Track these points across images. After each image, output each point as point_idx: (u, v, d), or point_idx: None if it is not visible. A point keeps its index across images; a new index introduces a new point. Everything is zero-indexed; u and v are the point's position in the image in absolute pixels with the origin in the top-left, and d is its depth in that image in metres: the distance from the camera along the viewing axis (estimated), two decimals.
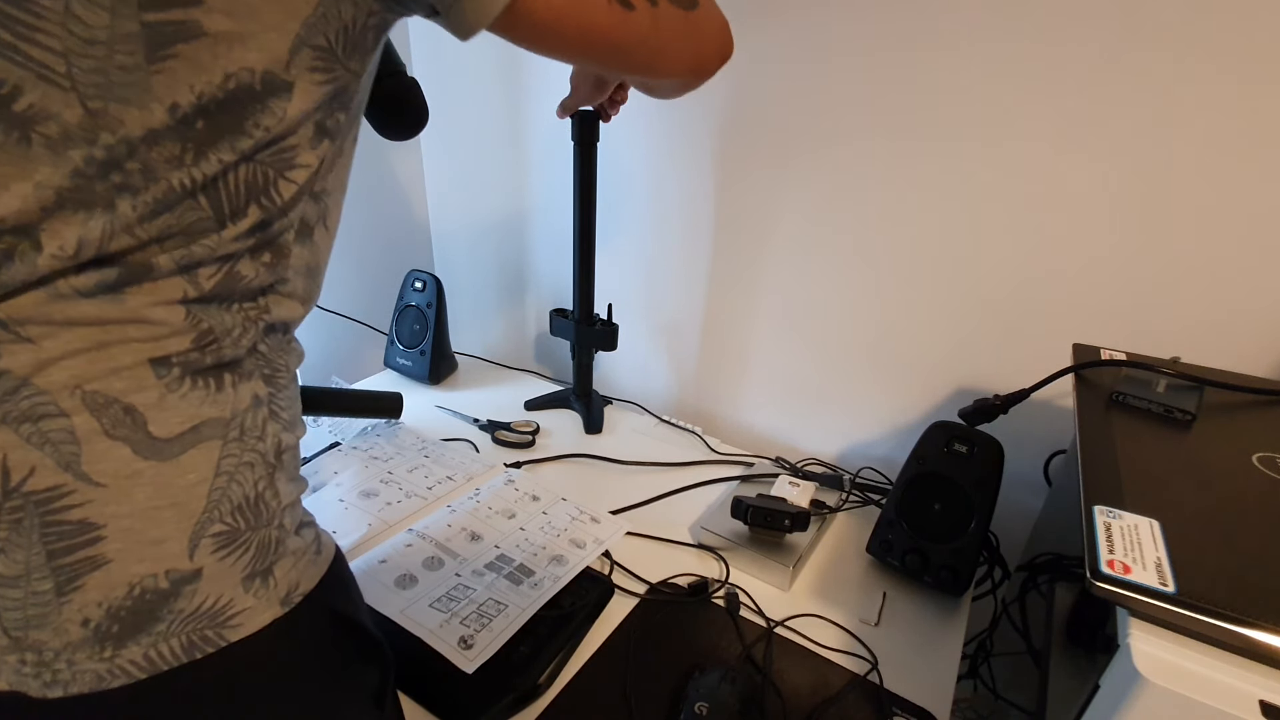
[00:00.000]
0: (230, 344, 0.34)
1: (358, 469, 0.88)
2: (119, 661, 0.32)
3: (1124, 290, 0.74)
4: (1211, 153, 0.66)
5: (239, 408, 0.35)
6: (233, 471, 0.34)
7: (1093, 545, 0.40)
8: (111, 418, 0.30)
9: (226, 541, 0.34)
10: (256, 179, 0.32)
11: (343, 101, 0.35)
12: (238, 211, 0.32)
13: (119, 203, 0.29)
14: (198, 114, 0.29)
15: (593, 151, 0.90)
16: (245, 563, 0.35)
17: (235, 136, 0.31)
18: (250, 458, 0.35)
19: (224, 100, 0.29)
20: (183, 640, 0.33)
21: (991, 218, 0.79)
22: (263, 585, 0.36)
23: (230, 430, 0.34)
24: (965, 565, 0.70)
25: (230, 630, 0.35)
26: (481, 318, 1.35)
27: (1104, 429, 0.55)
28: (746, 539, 0.77)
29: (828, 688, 0.62)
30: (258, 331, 0.36)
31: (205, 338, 0.33)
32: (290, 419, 0.39)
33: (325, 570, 0.41)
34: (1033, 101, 0.72)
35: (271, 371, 0.37)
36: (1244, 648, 0.35)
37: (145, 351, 0.31)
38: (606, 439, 1.03)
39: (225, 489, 0.34)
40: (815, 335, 0.97)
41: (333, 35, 0.32)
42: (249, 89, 0.30)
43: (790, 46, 0.84)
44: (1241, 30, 0.61)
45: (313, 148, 0.35)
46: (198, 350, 0.33)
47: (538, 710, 0.58)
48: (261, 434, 0.36)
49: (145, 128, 0.28)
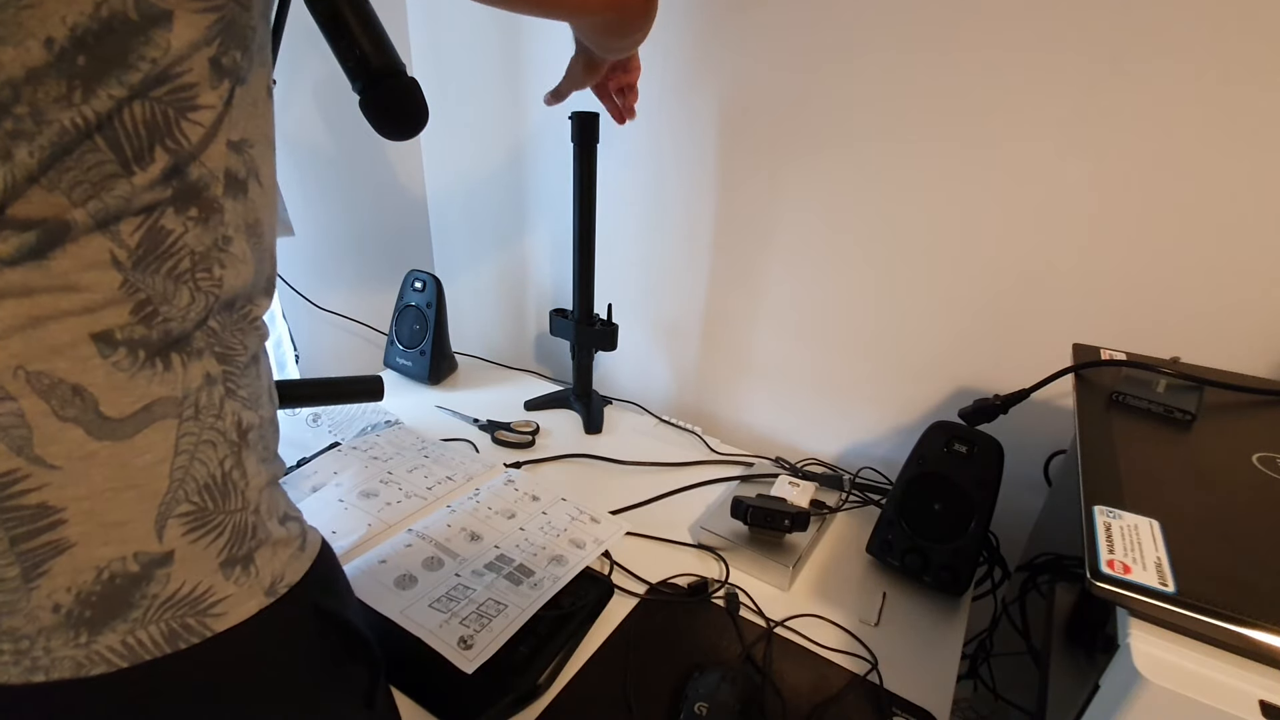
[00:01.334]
0: (177, 316, 0.33)
1: (358, 469, 0.88)
2: (96, 648, 0.31)
3: (1124, 290, 0.74)
4: (1211, 153, 0.66)
5: (190, 386, 0.34)
6: (193, 450, 0.34)
7: (1093, 545, 0.40)
8: (60, 398, 0.30)
9: (196, 522, 0.34)
10: (156, 118, 0.31)
11: (236, 38, 0.34)
12: (141, 154, 0.31)
13: (15, 151, 0.28)
14: (76, 47, 0.28)
15: (593, 152, 0.90)
16: (220, 546, 0.35)
17: (121, 70, 0.30)
18: (210, 436, 0.35)
19: (100, 31, 0.29)
20: (163, 628, 0.33)
21: (991, 218, 0.79)
22: (244, 573, 0.36)
23: (184, 409, 0.34)
24: (965, 565, 0.70)
25: (214, 619, 0.34)
26: (481, 318, 1.35)
27: (1104, 429, 0.55)
28: (746, 539, 0.77)
29: (828, 688, 0.62)
30: (208, 303, 0.35)
31: (144, 307, 0.32)
32: (250, 397, 0.38)
33: (310, 565, 0.40)
34: (1033, 102, 0.72)
35: (224, 349, 0.36)
36: (1244, 648, 0.35)
37: (83, 326, 0.30)
38: (606, 439, 1.03)
39: (187, 468, 0.34)
40: (815, 335, 0.97)
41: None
42: (124, 18, 0.29)
43: (791, 46, 0.84)
44: (1241, 31, 0.61)
45: (213, 87, 0.33)
46: (141, 323, 0.32)
47: (537, 710, 0.58)
48: (219, 412, 0.35)
49: (25, 67, 0.28)
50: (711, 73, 0.90)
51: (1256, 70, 0.62)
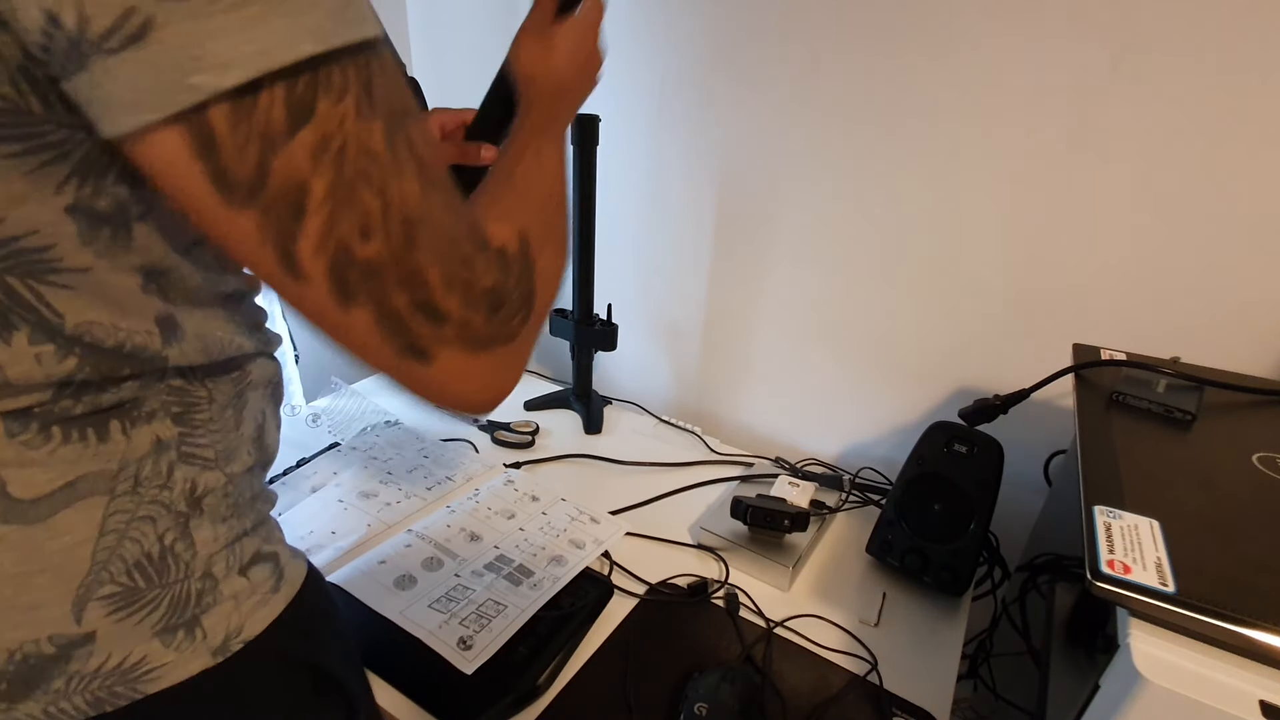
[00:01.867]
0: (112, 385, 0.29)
1: (357, 469, 0.88)
2: (14, 715, 0.30)
3: (1124, 290, 0.74)
4: (1212, 153, 0.66)
5: (132, 456, 0.30)
6: (123, 529, 0.30)
7: (1093, 545, 0.40)
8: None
9: (123, 603, 0.31)
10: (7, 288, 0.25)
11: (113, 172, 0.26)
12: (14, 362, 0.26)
13: None
14: None
15: (592, 153, 0.90)
16: (155, 620, 0.32)
17: None
18: (149, 510, 0.31)
19: None
20: (87, 697, 0.30)
21: (991, 218, 0.79)
22: (187, 638, 0.33)
23: (119, 484, 0.30)
24: (965, 565, 0.70)
25: (146, 684, 0.32)
26: None
27: (1104, 429, 0.55)
28: (746, 539, 0.77)
29: (827, 688, 0.62)
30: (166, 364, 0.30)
31: (69, 383, 0.28)
32: (218, 455, 0.34)
33: (284, 607, 0.37)
34: (1034, 103, 0.72)
35: (184, 407, 0.32)
36: (1244, 648, 0.35)
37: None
38: (606, 439, 1.03)
39: (115, 548, 0.30)
40: (815, 335, 0.97)
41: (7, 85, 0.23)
42: None
43: (792, 46, 0.84)
44: (1242, 32, 0.61)
45: (81, 241, 0.26)
46: (67, 398, 0.28)
47: (537, 711, 0.58)
48: (166, 481, 0.31)
49: None
50: (712, 73, 0.90)
51: (1257, 71, 0.62)
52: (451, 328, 0.29)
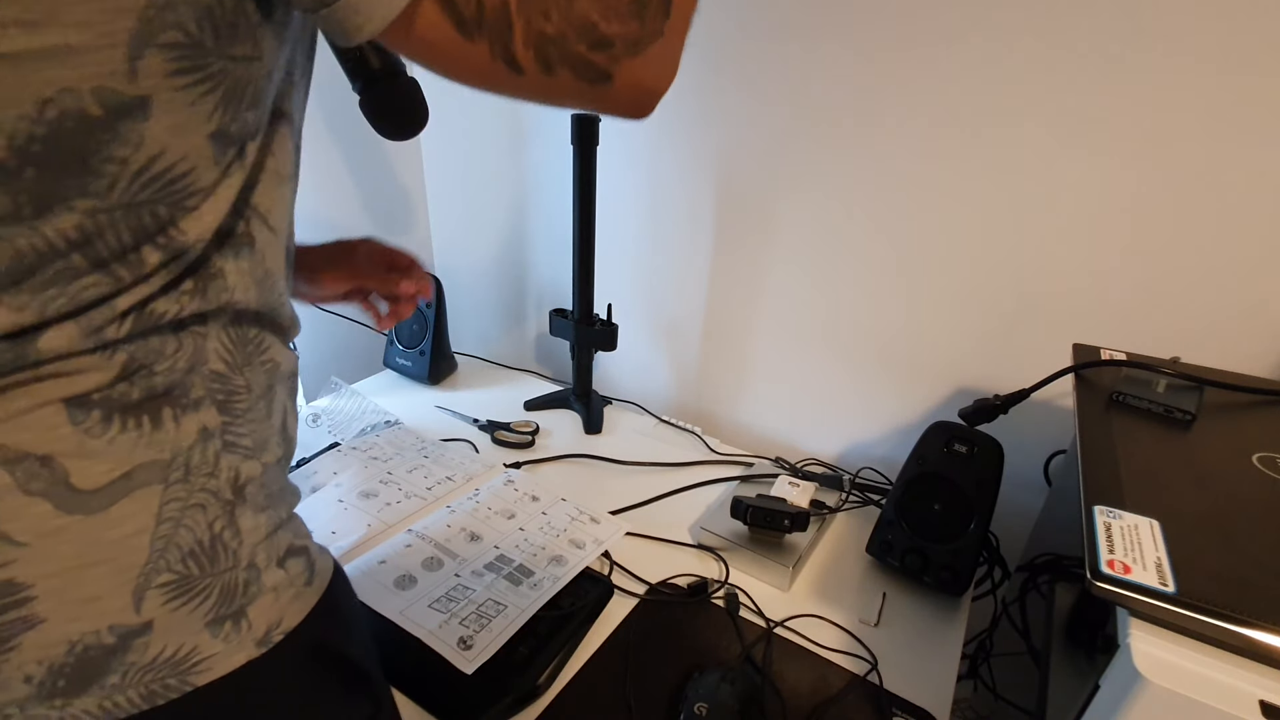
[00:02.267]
0: (165, 367, 0.30)
1: (357, 469, 0.88)
2: (70, 711, 0.30)
3: (1124, 290, 0.74)
4: (1212, 153, 0.66)
5: (182, 445, 0.31)
6: (178, 517, 0.31)
7: (1093, 545, 0.40)
8: (26, 471, 0.28)
9: (179, 591, 0.32)
10: (142, 222, 0.28)
11: (247, 98, 0.30)
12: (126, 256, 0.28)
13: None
14: (20, 159, 0.24)
15: (593, 152, 0.90)
16: (207, 609, 0.33)
17: (84, 178, 0.26)
18: (200, 499, 0.32)
19: (49, 136, 0.24)
20: (141, 691, 0.31)
21: (992, 217, 0.79)
22: (234, 629, 0.34)
23: (172, 472, 0.31)
24: (965, 565, 0.70)
25: (196, 675, 0.32)
26: (481, 318, 1.35)
27: (1104, 429, 0.55)
28: (746, 539, 0.77)
29: (827, 688, 0.62)
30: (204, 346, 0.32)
31: (129, 367, 0.29)
32: (254, 445, 0.35)
33: (316, 600, 0.38)
34: (1033, 102, 0.72)
35: (227, 395, 0.33)
36: (1244, 648, 0.35)
37: (52, 392, 0.28)
38: (606, 439, 1.03)
39: (171, 536, 0.31)
40: (815, 335, 0.97)
41: (193, 24, 0.26)
42: (80, 115, 0.25)
43: (793, 46, 0.84)
44: (1243, 32, 0.61)
45: (216, 162, 0.29)
46: (123, 382, 0.29)
47: (537, 711, 0.58)
48: (213, 470, 0.33)
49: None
50: (712, 72, 0.90)
51: (1257, 71, 0.62)
52: (619, 46, 0.36)
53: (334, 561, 0.42)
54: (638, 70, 0.38)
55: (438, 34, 0.30)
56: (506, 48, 0.32)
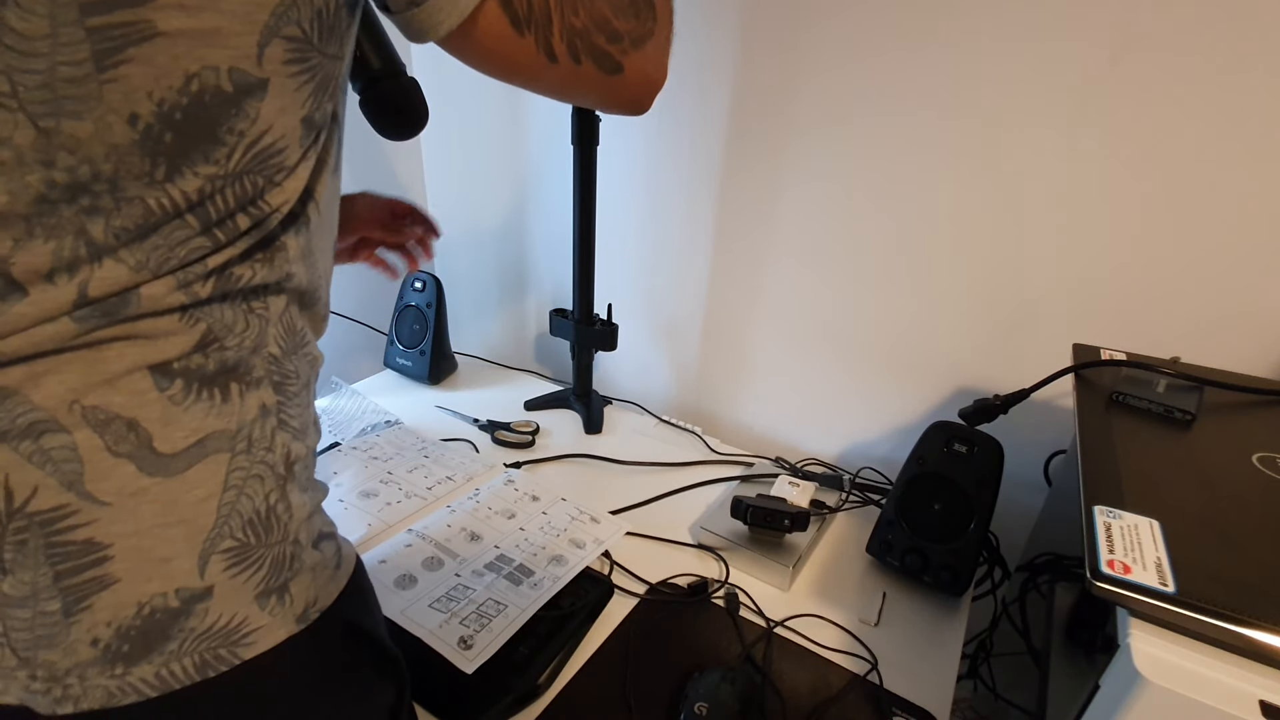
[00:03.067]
0: (234, 343, 0.33)
1: (358, 469, 0.88)
2: (130, 679, 0.31)
3: (1124, 290, 0.74)
4: (1213, 152, 0.66)
5: (246, 418, 0.34)
6: (241, 485, 0.33)
7: (1093, 545, 0.40)
8: (114, 434, 0.29)
9: (238, 558, 0.34)
10: (245, 190, 0.31)
11: (329, 90, 0.34)
12: (225, 222, 0.31)
13: (90, 228, 0.27)
14: (163, 125, 0.27)
15: (593, 152, 0.90)
16: (259, 580, 0.34)
17: (210, 145, 0.29)
18: (259, 470, 0.34)
19: (189, 106, 0.27)
20: (195, 660, 0.33)
21: (992, 218, 0.79)
22: (279, 603, 0.35)
23: (238, 443, 0.33)
24: (965, 565, 0.70)
25: (244, 648, 0.34)
26: (481, 318, 1.35)
27: (1104, 429, 0.55)
28: (746, 539, 0.77)
29: (828, 688, 0.62)
30: (266, 330, 0.35)
31: (206, 337, 0.32)
32: (300, 427, 0.38)
33: (345, 584, 0.40)
34: (1034, 102, 0.72)
35: (282, 378, 0.36)
36: (1244, 648, 0.35)
37: (141, 357, 0.30)
38: (606, 439, 1.03)
39: (234, 503, 0.33)
40: (815, 335, 0.97)
41: (307, 23, 0.30)
42: (216, 91, 0.28)
43: (792, 47, 0.84)
44: (1244, 29, 0.61)
45: (301, 145, 0.33)
46: (199, 352, 0.32)
47: (537, 710, 0.58)
48: (270, 444, 0.35)
49: (105, 144, 0.26)
50: (712, 73, 0.90)
51: (1258, 71, 0.62)
52: (626, 40, 0.43)
53: (355, 550, 0.44)
54: (642, 62, 0.45)
55: (496, 29, 0.36)
56: (547, 41, 0.38)
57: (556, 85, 0.43)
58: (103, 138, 0.26)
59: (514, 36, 0.37)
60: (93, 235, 0.27)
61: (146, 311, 0.30)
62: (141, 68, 0.26)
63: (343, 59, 0.34)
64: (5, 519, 0.29)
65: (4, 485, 0.28)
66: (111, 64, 0.25)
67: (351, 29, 0.35)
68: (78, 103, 0.25)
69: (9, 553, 0.29)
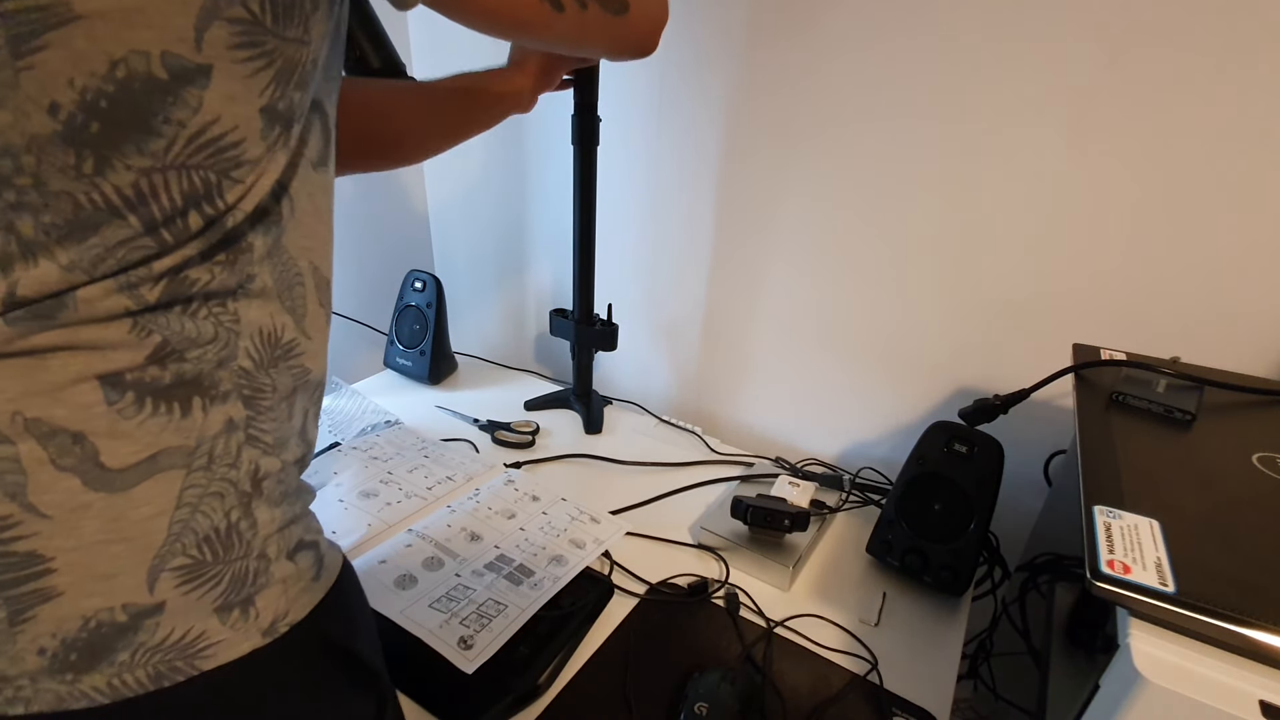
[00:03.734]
0: (196, 355, 0.31)
1: (357, 469, 0.88)
2: (80, 687, 0.31)
3: (1124, 290, 0.74)
4: (1212, 152, 0.66)
5: (207, 434, 0.32)
6: (196, 503, 0.32)
7: (1093, 545, 0.40)
8: (58, 446, 0.28)
9: (191, 575, 0.32)
10: (193, 185, 0.29)
11: (295, 78, 0.31)
12: (173, 220, 0.29)
13: (18, 223, 0.26)
14: (87, 114, 0.25)
15: (593, 152, 0.90)
16: (216, 595, 0.33)
17: (142, 137, 0.27)
18: (219, 487, 0.33)
19: (117, 93, 0.26)
20: (149, 671, 0.32)
21: (992, 218, 0.79)
22: (241, 616, 0.34)
23: (195, 459, 0.32)
24: (965, 565, 0.70)
25: (202, 660, 0.33)
26: (481, 318, 1.35)
27: (1104, 429, 0.55)
28: (746, 539, 0.77)
29: (828, 688, 0.62)
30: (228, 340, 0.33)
31: (162, 349, 0.30)
32: (274, 442, 0.36)
33: (323, 595, 0.39)
34: (1034, 101, 0.72)
35: (254, 392, 0.34)
36: (1244, 648, 0.35)
37: (87, 367, 0.28)
38: (606, 439, 1.03)
39: (188, 521, 0.32)
40: (815, 335, 0.97)
41: (255, 4, 0.28)
42: (148, 77, 0.26)
43: (791, 47, 0.84)
44: (1245, 29, 0.61)
45: (263, 138, 0.31)
46: (154, 364, 0.30)
47: (537, 710, 0.58)
48: (235, 461, 0.33)
49: (25, 135, 0.25)
50: (711, 73, 0.90)
51: (1258, 70, 0.62)
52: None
53: (344, 558, 0.43)
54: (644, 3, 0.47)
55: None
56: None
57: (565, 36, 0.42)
58: (21, 128, 0.25)
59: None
60: (21, 232, 0.26)
61: (86, 318, 0.28)
62: (59, 53, 0.24)
63: (308, 44, 0.32)
64: None
65: None
66: (27, 50, 0.24)
67: (321, 11, 0.32)
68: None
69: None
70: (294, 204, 0.35)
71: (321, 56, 0.34)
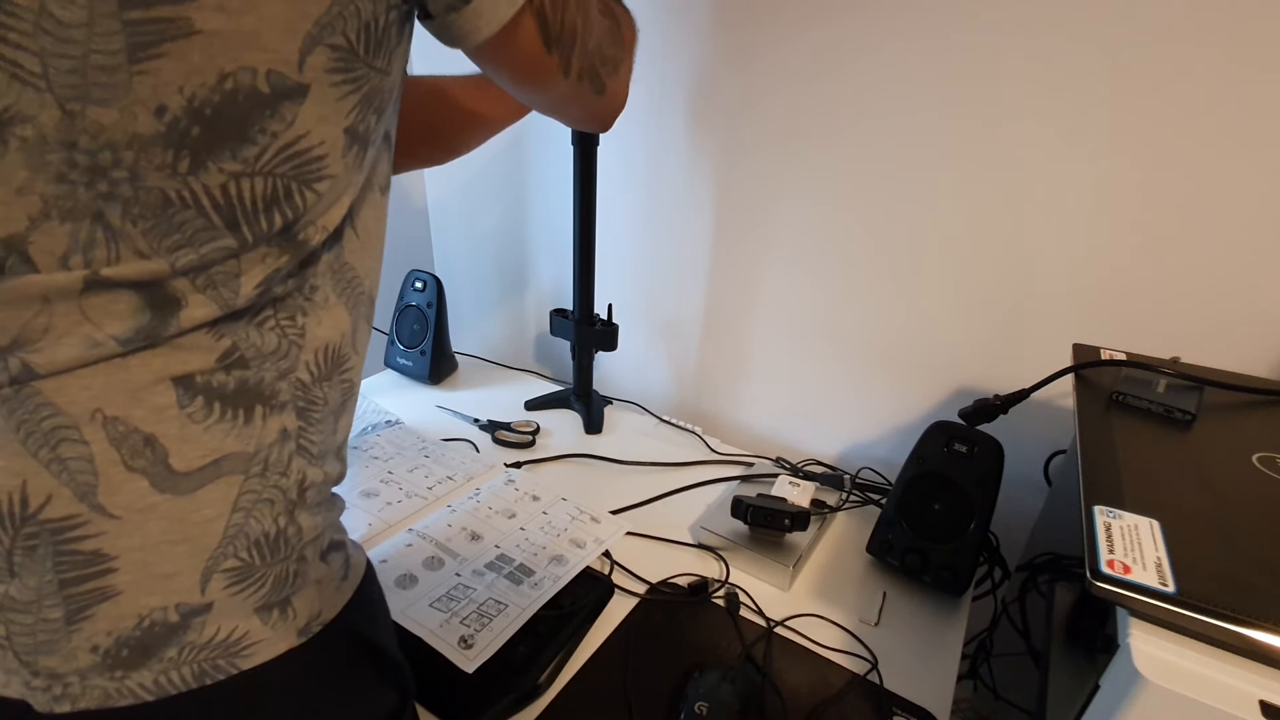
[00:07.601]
0: (259, 363, 0.33)
1: (358, 469, 0.88)
2: (128, 684, 0.32)
3: (1124, 290, 0.74)
4: (1213, 152, 0.66)
5: (265, 441, 0.34)
6: (250, 508, 0.34)
7: (1093, 545, 0.40)
8: (131, 448, 0.30)
9: (240, 577, 0.34)
10: (275, 191, 0.30)
11: (375, 104, 0.34)
12: (253, 221, 0.30)
13: (107, 212, 0.27)
14: (190, 119, 0.27)
15: (593, 152, 0.90)
16: (260, 596, 0.35)
17: (237, 144, 0.28)
18: (271, 494, 0.35)
19: (221, 103, 0.27)
20: (194, 669, 0.33)
21: (992, 217, 0.79)
22: (280, 617, 0.36)
23: (253, 465, 0.33)
24: (965, 565, 0.70)
25: (242, 659, 0.34)
26: (481, 318, 1.35)
27: (1104, 429, 0.55)
28: (746, 539, 0.77)
29: (828, 688, 0.62)
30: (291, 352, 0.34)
31: (231, 353, 0.32)
32: (320, 453, 0.38)
33: (352, 594, 0.40)
34: (1034, 102, 0.72)
35: (308, 404, 0.36)
36: (1244, 648, 0.35)
37: (165, 367, 0.30)
38: (606, 439, 1.03)
39: (242, 525, 0.33)
40: (815, 335, 0.97)
41: (353, 34, 0.30)
42: (252, 91, 0.28)
43: (791, 46, 0.84)
44: (1246, 29, 0.61)
45: (343, 155, 0.33)
46: (222, 369, 0.31)
47: (538, 710, 0.58)
48: (286, 470, 0.35)
49: (128, 133, 0.26)
50: (711, 73, 0.90)
51: (1257, 69, 0.62)
52: (611, 65, 0.48)
53: (365, 556, 0.44)
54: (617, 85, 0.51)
55: (529, 45, 0.38)
56: (568, 60, 0.41)
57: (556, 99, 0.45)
58: (126, 126, 0.26)
59: (543, 54, 0.39)
60: (110, 221, 0.27)
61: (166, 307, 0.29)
62: (174, 63, 0.26)
63: (389, 75, 0.34)
64: (19, 524, 0.29)
65: (21, 491, 0.29)
66: (145, 56, 0.25)
67: (402, 47, 0.35)
68: (105, 90, 0.25)
69: (18, 557, 0.29)
70: (359, 224, 0.37)
71: (396, 88, 0.36)
